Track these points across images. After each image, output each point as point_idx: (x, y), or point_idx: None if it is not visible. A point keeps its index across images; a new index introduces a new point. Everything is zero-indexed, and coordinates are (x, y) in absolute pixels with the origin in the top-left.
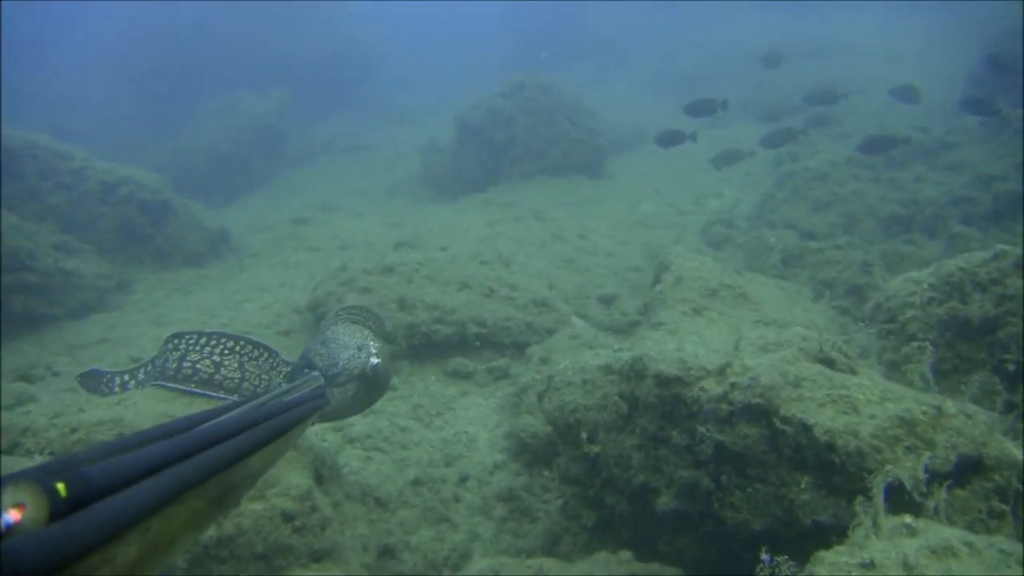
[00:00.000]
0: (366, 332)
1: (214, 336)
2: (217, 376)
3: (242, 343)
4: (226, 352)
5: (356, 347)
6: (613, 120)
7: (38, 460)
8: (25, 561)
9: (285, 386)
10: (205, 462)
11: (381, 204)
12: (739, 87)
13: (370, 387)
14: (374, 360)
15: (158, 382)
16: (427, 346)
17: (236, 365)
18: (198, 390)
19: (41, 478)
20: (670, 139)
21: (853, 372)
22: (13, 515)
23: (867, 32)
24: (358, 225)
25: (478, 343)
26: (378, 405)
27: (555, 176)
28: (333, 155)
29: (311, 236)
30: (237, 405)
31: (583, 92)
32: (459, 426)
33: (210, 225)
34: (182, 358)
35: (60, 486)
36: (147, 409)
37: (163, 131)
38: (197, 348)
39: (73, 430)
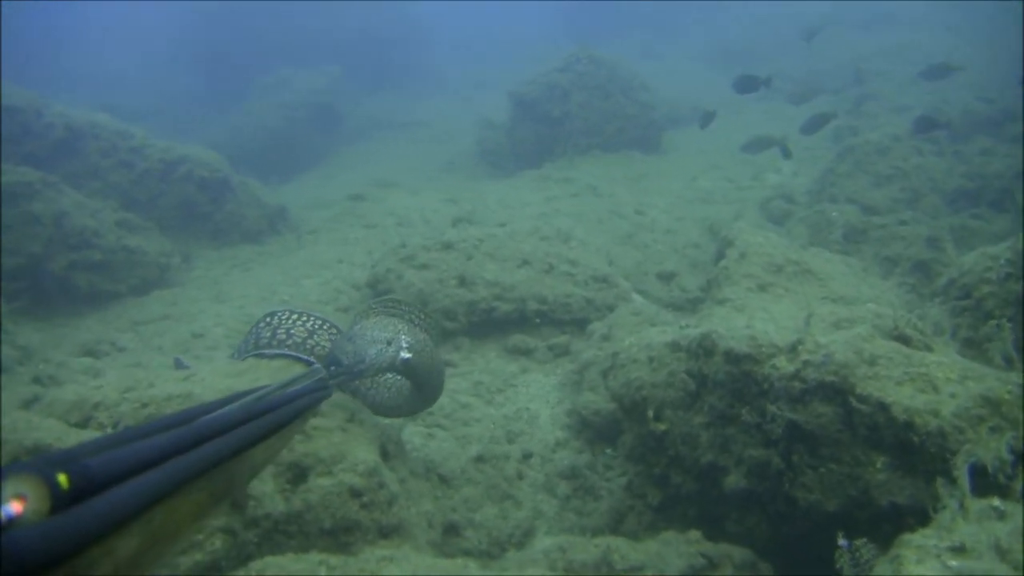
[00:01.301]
0: (400, 325)
1: (305, 313)
2: (310, 341)
3: (328, 324)
4: (316, 327)
5: (385, 341)
6: (667, 94)
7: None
8: (26, 553)
9: (287, 378)
10: (208, 454)
11: (437, 180)
12: (793, 58)
13: (414, 383)
14: (404, 355)
15: (251, 352)
16: (487, 323)
17: (327, 337)
18: (290, 352)
19: (43, 469)
20: (707, 120)
21: (929, 350)
22: (15, 507)
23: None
24: (415, 202)
25: (538, 320)
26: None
27: (610, 151)
28: (387, 131)
29: (368, 213)
30: (239, 397)
31: (637, 66)
32: (520, 403)
33: (268, 202)
34: (276, 328)
35: (62, 478)
36: (215, 384)
37: (217, 110)
38: (289, 321)
39: (144, 405)
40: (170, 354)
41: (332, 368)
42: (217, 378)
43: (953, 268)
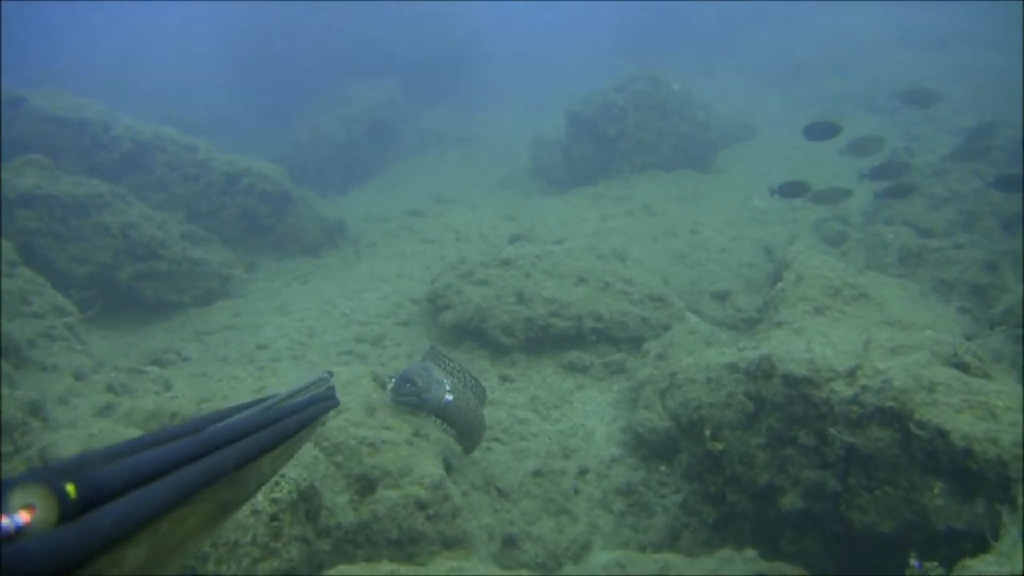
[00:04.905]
0: (442, 374)
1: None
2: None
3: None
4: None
5: (439, 382)
6: (722, 113)
7: None
8: (35, 563)
9: (295, 387)
10: (215, 464)
11: (493, 196)
12: (848, 78)
13: (451, 421)
14: (448, 397)
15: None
16: (544, 339)
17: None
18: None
19: (51, 480)
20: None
21: (988, 377)
22: (23, 517)
23: (984, 21)
24: (472, 217)
25: (594, 337)
26: (497, 396)
27: (665, 170)
28: (443, 147)
29: (426, 227)
30: (247, 407)
31: (692, 84)
32: (576, 419)
33: (327, 216)
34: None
35: (70, 488)
36: None
37: (276, 122)
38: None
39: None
40: (235, 364)
41: (408, 385)
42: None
43: (1012, 295)
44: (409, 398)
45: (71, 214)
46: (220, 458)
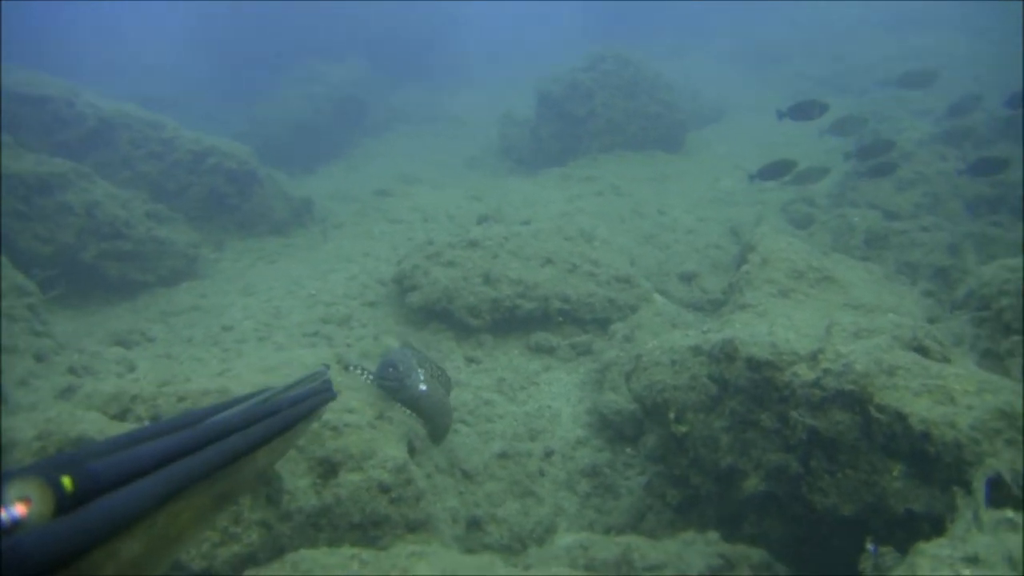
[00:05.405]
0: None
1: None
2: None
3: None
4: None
5: (416, 370)
6: (692, 93)
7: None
8: (30, 556)
9: (291, 380)
10: (211, 457)
11: (461, 176)
12: (819, 60)
13: (422, 411)
14: (422, 387)
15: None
16: (511, 320)
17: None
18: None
19: (47, 473)
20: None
21: (947, 361)
22: (19, 510)
23: (953, 6)
24: (439, 197)
25: (561, 318)
26: (463, 378)
27: (634, 150)
28: (412, 125)
29: (393, 208)
30: (243, 400)
31: (662, 65)
32: (542, 400)
33: (294, 195)
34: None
35: (66, 481)
36: (250, 379)
37: (242, 100)
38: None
39: (181, 399)
40: (200, 346)
41: (390, 370)
42: (251, 373)
43: (973, 279)
44: (391, 382)
45: (34, 193)
46: (217, 451)
